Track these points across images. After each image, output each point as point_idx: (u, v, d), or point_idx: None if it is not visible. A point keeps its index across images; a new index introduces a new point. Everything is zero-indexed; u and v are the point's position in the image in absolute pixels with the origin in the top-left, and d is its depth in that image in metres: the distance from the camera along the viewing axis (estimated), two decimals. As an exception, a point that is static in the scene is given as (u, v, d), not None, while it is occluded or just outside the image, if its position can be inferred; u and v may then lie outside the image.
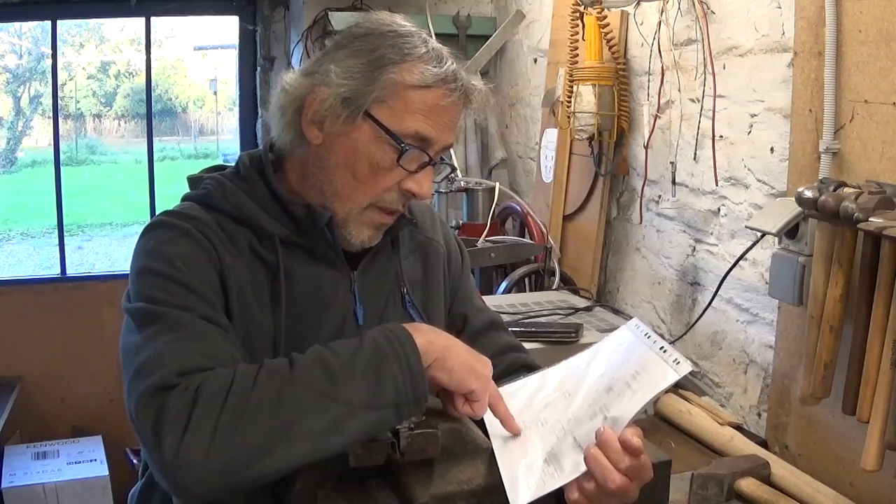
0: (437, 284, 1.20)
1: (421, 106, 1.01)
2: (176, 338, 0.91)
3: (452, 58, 1.05)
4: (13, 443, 2.85)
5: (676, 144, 1.91)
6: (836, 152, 1.37)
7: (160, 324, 0.92)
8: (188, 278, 0.96)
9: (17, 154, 10.60)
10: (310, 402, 0.86)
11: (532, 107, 2.83)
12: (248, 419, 0.83)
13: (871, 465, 1.16)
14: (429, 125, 1.01)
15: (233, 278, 1.00)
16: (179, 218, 1.02)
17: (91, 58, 11.78)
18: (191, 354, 0.89)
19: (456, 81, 1.02)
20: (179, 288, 0.95)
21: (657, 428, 1.63)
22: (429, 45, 1.03)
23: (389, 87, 1.00)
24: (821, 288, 1.29)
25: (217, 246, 1.01)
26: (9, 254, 8.31)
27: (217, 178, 1.08)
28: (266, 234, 1.05)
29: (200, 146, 12.82)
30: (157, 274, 0.96)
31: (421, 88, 1.01)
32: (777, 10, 1.56)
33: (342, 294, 1.09)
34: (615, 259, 2.27)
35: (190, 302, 0.95)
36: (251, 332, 1.01)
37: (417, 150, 1.02)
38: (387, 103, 1.00)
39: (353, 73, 1.01)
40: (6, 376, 2.88)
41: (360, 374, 0.89)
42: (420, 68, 1.01)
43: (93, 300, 2.93)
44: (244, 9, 3.13)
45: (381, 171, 1.02)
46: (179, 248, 0.98)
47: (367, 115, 1.01)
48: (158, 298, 0.94)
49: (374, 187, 1.03)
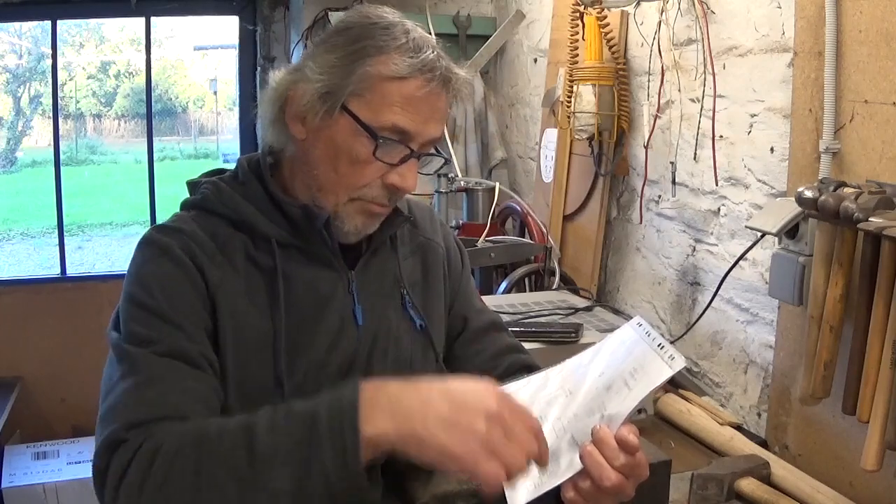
0: (436, 286, 1.20)
1: (398, 98, 0.99)
2: (134, 384, 0.90)
3: (433, 47, 1.03)
4: (13, 443, 2.85)
5: (676, 144, 1.91)
6: (836, 152, 1.37)
7: (124, 365, 0.93)
8: (163, 306, 0.96)
9: (17, 154, 10.60)
10: (228, 488, 0.80)
11: (532, 107, 2.84)
12: (167, 495, 0.82)
13: (871, 465, 1.16)
14: (407, 117, 1.00)
15: (222, 293, 0.99)
16: (167, 234, 1.02)
17: (91, 58, 11.79)
18: (144, 405, 0.88)
19: (433, 71, 1.00)
20: (153, 318, 0.95)
21: (657, 428, 1.63)
22: (409, 36, 1.02)
23: (365, 79, 0.99)
24: (821, 288, 1.29)
25: (202, 263, 0.99)
26: (9, 254, 8.31)
27: (215, 182, 1.08)
28: (263, 236, 1.05)
29: (200, 146, 12.82)
30: (134, 302, 0.97)
31: (397, 80, 0.99)
32: (777, 10, 1.56)
33: (340, 294, 1.08)
34: (615, 259, 2.27)
35: (162, 333, 0.94)
36: (249, 340, 1.00)
37: (396, 143, 1.01)
38: (363, 97, 1.00)
39: (330, 68, 1.01)
40: (6, 376, 2.89)
41: (283, 460, 0.80)
42: (396, 59, 0.99)
43: (93, 300, 2.93)
44: (244, 9, 3.13)
45: (360, 164, 1.01)
46: (159, 271, 0.98)
47: (345, 109, 1.00)
48: (131, 332, 0.95)
49: (356, 181, 1.03)
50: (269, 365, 1.01)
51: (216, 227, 1.04)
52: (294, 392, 1.02)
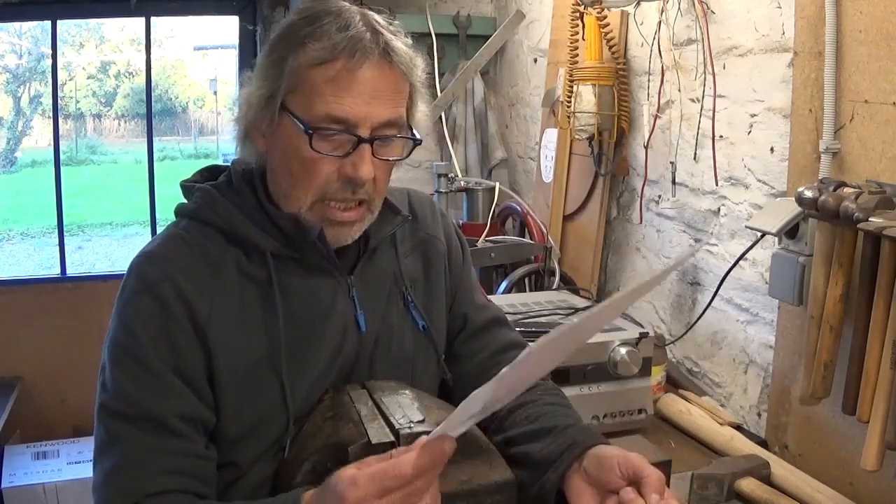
0: (438, 283, 1.19)
1: (326, 84, 0.95)
2: (113, 468, 0.93)
3: (369, 24, 0.97)
4: (13, 443, 2.85)
5: (676, 144, 1.91)
6: (836, 152, 1.37)
7: (107, 437, 0.95)
8: (148, 354, 0.95)
9: (17, 154, 10.61)
10: None
11: (532, 107, 2.84)
12: None
13: (871, 465, 1.16)
14: (340, 102, 0.95)
15: (213, 325, 0.98)
16: (154, 264, 1.00)
17: (91, 58, 11.80)
18: (121, 494, 0.91)
19: (359, 42, 0.94)
20: (137, 368, 0.95)
21: (657, 428, 1.63)
22: (338, 17, 0.97)
23: (294, 74, 0.96)
24: (821, 288, 1.29)
25: (189, 296, 0.97)
26: (9, 254, 8.32)
27: (209, 191, 1.06)
28: (257, 249, 1.03)
29: (200, 146, 12.84)
30: (120, 349, 0.97)
31: (322, 65, 0.95)
32: (777, 10, 1.56)
33: (341, 302, 1.07)
34: (615, 259, 2.27)
35: (145, 392, 0.94)
36: (246, 368, 0.99)
37: (339, 133, 0.96)
38: (297, 92, 0.97)
39: (266, 72, 0.99)
40: (6, 376, 2.89)
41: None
42: (318, 45, 0.95)
43: (93, 300, 2.93)
44: (244, 9, 3.13)
45: (309, 162, 0.98)
46: (144, 313, 0.97)
47: (284, 109, 0.98)
48: (116, 389, 0.95)
49: (310, 181, 0.99)
50: (271, 388, 1.00)
51: (208, 240, 1.02)
52: (299, 407, 1.01)
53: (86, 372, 3.03)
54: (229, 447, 1.00)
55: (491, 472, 0.92)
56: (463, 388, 1.10)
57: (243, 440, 1.00)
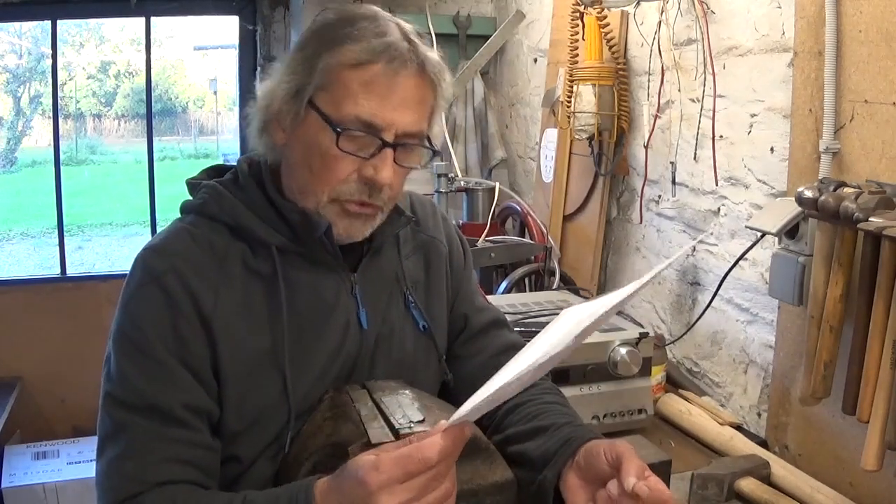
0: (439, 285, 1.19)
1: (360, 87, 0.96)
2: (118, 456, 0.93)
3: (404, 33, 0.99)
4: (13, 443, 2.85)
5: (676, 144, 1.91)
6: (836, 152, 1.37)
7: (112, 426, 0.95)
8: (153, 346, 0.96)
9: (17, 154, 10.62)
10: None
11: (532, 107, 2.84)
12: None
13: (871, 465, 1.16)
14: (370, 105, 0.96)
15: (218, 318, 0.98)
16: (160, 257, 1.00)
17: (91, 58, 11.81)
18: (127, 480, 0.92)
19: (396, 51, 0.96)
20: (142, 358, 0.96)
21: (657, 428, 1.63)
22: (375, 22, 0.99)
23: (327, 72, 0.97)
24: (821, 288, 1.29)
25: (195, 289, 0.98)
26: (9, 254, 8.32)
27: (215, 187, 1.06)
28: (262, 243, 1.03)
29: (200, 146, 12.84)
30: (126, 340, 0.97)
31: (357, 67, 0.96)
32: (777, 10, 1.56)
33: (343, 298, 1.07)
34: (615, 259, 2.27)
35: (149, 381, 0.95)
36: (250, 361, 1.00)
37: (365, 135, 0.98)
38: (327, 90, 0.98)
39: (296, 67, 1.00)
40: (6, 376, 2.89)
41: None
42: (355, 46, 0.96)
43: (93, 300, 2.93)
44: (244, 9, 3.13)
45: (332, 160, 0.99)
46: (150, 304, 0.97)
47: (311, 105, 0.99)
48: (121, 377, 0.96)
49: (330, 178, 1.00)
50: (273, 381, 1.01)
51: (214, 234, 1.03)
52: (300, 402, 1.02)
53: (86, 372, 3.04)
54: (230, 440, 1.00)
55: (491, 472, 0.92)
56: (463, 389, 1.10)
57: (244, 434, 1.00)
